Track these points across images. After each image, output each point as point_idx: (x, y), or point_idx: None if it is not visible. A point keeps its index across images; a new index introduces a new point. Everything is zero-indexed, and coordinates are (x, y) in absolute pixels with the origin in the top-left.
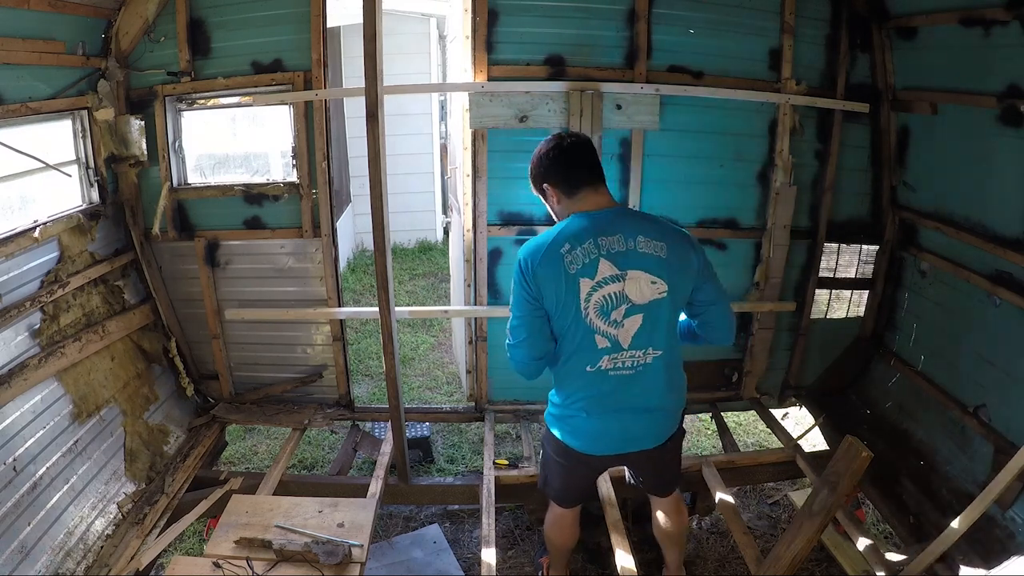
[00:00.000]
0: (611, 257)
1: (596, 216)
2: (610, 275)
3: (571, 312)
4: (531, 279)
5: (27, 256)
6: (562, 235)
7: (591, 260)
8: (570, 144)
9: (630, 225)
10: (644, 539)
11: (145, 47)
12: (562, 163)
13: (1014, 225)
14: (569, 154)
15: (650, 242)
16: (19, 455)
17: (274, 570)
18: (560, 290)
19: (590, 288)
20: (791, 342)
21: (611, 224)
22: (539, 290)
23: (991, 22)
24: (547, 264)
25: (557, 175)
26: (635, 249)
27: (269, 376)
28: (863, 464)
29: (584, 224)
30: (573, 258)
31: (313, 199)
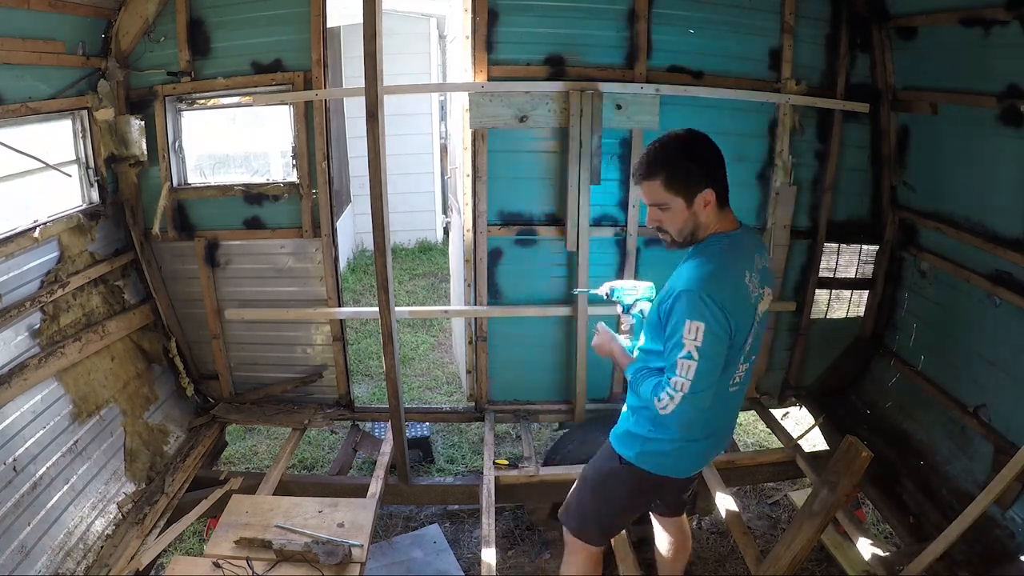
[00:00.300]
0: (762, 277)
1: (745, 234)
2: (761, 294)
3: (743, 341)
4: (727, 317)
5: (27, 256)
6: (738, 261)
7: (756, 283)
8: (715, 145)
9: (753, 246)
10: (644, 539)
11: (145, 47)
12: (724, 166)
13: (1014, 225)
14: (721, 157)
15: (763, 257)
16: (19, 455)
17: (274, 570)
18: (747, 322)
19: (760, 313)
20: (791, 342)
21: (749, 245)
22: (735, 328)
23: (991, 22)
24: (739, 297)
25: (722, 180)
26: (764, 267)
27: (269, 376)
28: (863, 464)
29: (742, 244)
30: (752, 285)
31: (313, 199)
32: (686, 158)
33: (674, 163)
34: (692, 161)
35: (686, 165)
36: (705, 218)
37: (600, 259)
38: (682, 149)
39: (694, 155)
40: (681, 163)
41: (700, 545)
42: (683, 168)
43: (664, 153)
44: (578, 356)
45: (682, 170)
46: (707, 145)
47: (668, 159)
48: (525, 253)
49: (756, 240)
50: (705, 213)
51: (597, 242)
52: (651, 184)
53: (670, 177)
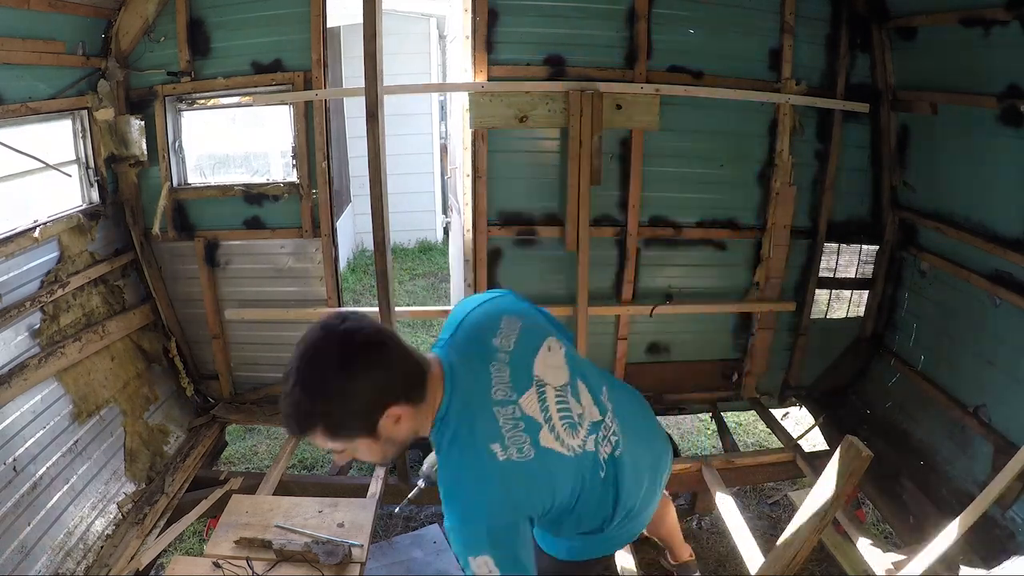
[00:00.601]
0: (519, 386)
1: (456, 395)
2: (541, 401)
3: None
4: (519, 528)
5: (27, 256)
6: (482, 447)
7: (524, 418)
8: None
9: (478, 347)
10: (644, 539)
11: (145, 47)
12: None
13: (1014, 225)
14: (383, 346)
15: (499, 331)
16: (19, 455)
17: (274, 570)
18: (559, 477)
19: (554, 433)
20: (791, 342)
21: (476, 378)
22: (535, 515)
23: (991, 22)
24: (515, 488)
25: (396, 383)
26: (508, 352)
27: (269, 376)
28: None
29: (466, 412)
30: (516, 444)
31: (313, 199)
32: (343, 390)
33: (327, 406)
34: (353, 390)
35: (346, 401)
36: (408, 430)
37: (600, 259)
38: (334, 377)
39: (355, 378)
40: (339, 401)
41: (700, 545)
42: (343, 407)
43: (309, 394)
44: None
45: (342, 411)
46: (369, 347)
47: (315, 403)
48: (525, 253)
49: (476, 346)
50: (407, 426)
51: (597, 242)
52: (312, 437)
53: (329, 426)
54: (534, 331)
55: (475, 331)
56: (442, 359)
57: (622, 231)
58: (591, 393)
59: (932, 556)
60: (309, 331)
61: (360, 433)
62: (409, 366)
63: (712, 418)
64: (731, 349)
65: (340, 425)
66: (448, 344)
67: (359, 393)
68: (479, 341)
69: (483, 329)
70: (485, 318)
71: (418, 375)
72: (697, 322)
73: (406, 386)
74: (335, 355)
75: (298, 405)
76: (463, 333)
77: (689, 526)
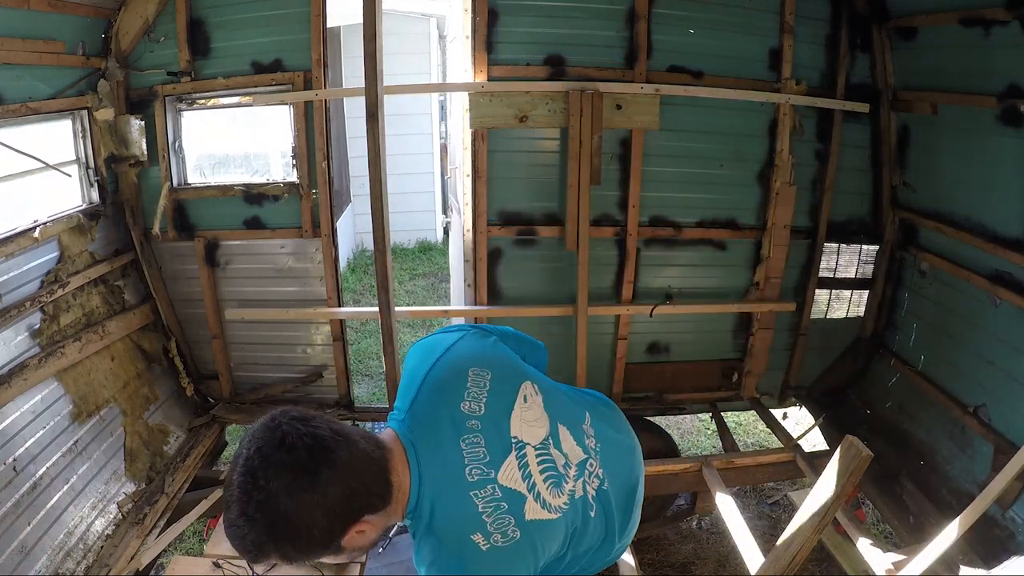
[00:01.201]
0: (495, 456)
1: (426, 487)
2: (522, 469)
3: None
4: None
5: (27, 256)
6: (461, 547)
7: (506, 493)
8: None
9: (443, 420)
10: (644, 540)
11: (145, 47)
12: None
13: (1014, 225)
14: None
15: (467, 391)
16: (19, 455)
17: (274, 570)
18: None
19: (541, 501)
20: (791, 342)
21: (444, 455)
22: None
23: (991, 22)
24: (524, 559)
25: (359, 495)
26: (478, 415)
27: (269, 376)
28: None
29: (443, 505)
30: (499, 526)
31: (313, 199)
32: (296, 521)
33: (280, 540)
34: (310, 519)
35: (301, 532)
36: (377, 532)
37: (600, 259)
38: (285, 505)
39: (308, 504)
40: (293, 534)
41: (700, 545)
42: (299, 538)
43: (256, 528)
44: (578, 356)
45: (299, 542)
46: (319, 458)
47: (265, 537)
48: (525, 253)
49: (438, 418)
50: (375, 532)
51: (597, 242)
52: (269, 563)
53: (285, 557)
54: (506, 382)
55: (439, 396)
56: (402, 439)
57: (622, 231)
58: (573, 436)
59: (932, 556)
60: (249, 439)
61: (323, 554)
62: (370, 469)
63: (712, 418)
64: (731, 349)
65: (299, 554)
66: (408, 416)
67: (316, 521)
68: (445, 410)
69: (448, 392)
70: (450, 375)
71: (381, 477)
72: (697, 322)
73: (370, 495)
74: (284, 478)
75: (245, 538)
76: (425, 401)
77: (689, 526)
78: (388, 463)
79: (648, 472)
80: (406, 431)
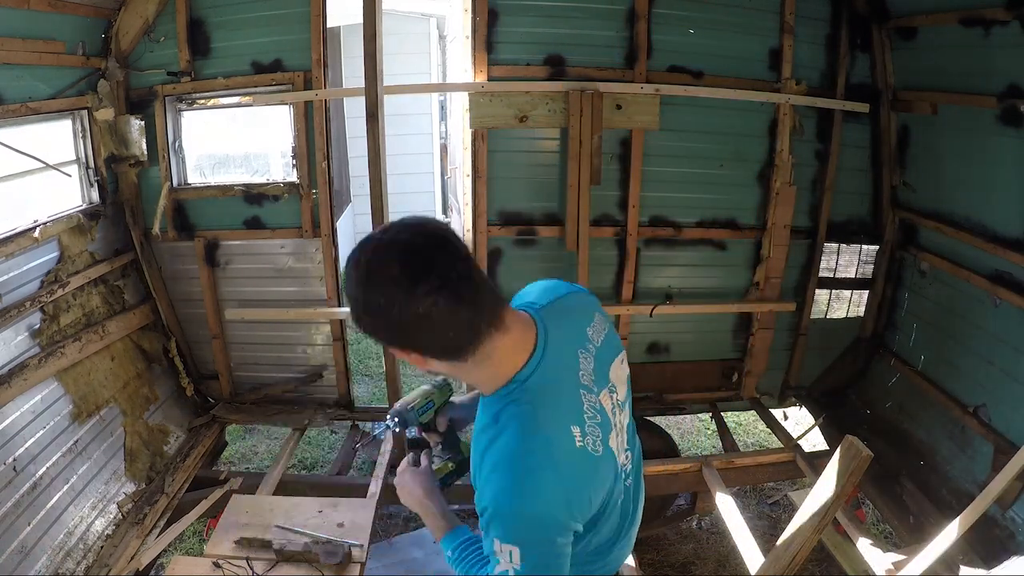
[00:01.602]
0: (599, 384)
1: (546, 361)
2: (613, 405)
3: (614, 487)
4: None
5: (27, 256)
6: (554, 427)
7: (602, 414)
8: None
9: (572, 333)
10: (644, 540)
11: (145, 47)
12: (433, 306)
13: (1014, 225)
14: (437, 284)
15: (592, 327)
16: (19, 455)
17: (274, 570)
18: (603, 486)
19: (616, 440)
20: (791, 342)
21: (567, 354)
22: (580, 519)
23: (991, 22)
24: (576, 479)
25: (429, 334)
26: (597, 348)
27: (269, 376)
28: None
29: (550, 386)
30: (592, 436)
31: (313, 199)
32: (364, 304)
33: (368, 319)
34: (362, 307)
35: (370, 312)
36: (447, 369)
37: (600, 259)
38: (360, 285)
39: (390, 295)
40: (367, 310)
41: (700, 545)
42: (370, 318)
43: (352, 297)
44: None
45: (369, 322)
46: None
47: (359, 311)
48: (525, 253)
49: (569, 326)
50: (435, 366)
51: (597, 242)
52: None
53: (372, 336)
54: (614, 339)
55: (571, 313)
56: (535, 318)
57: (622, 231)
58: (629, 413)
59: (932, 556)
60: (398, 225)
61: (404, 350)
62: (462, 331)
63: (712, 418)
64: (731, 349)
65: (383, 340)
66: (541, 311)
67: (374, 316)
68: (575, 324)
69: (579, 315)
70: (581, 306)
71: (471, 341)
72: (697, 322)
73: (456, 343)
74: (394, 272)
75: (352, 301)
76: (559, 308)
77: (689, 526)
78: (489, 330)
79: (648, 472)
80: (538, 317)
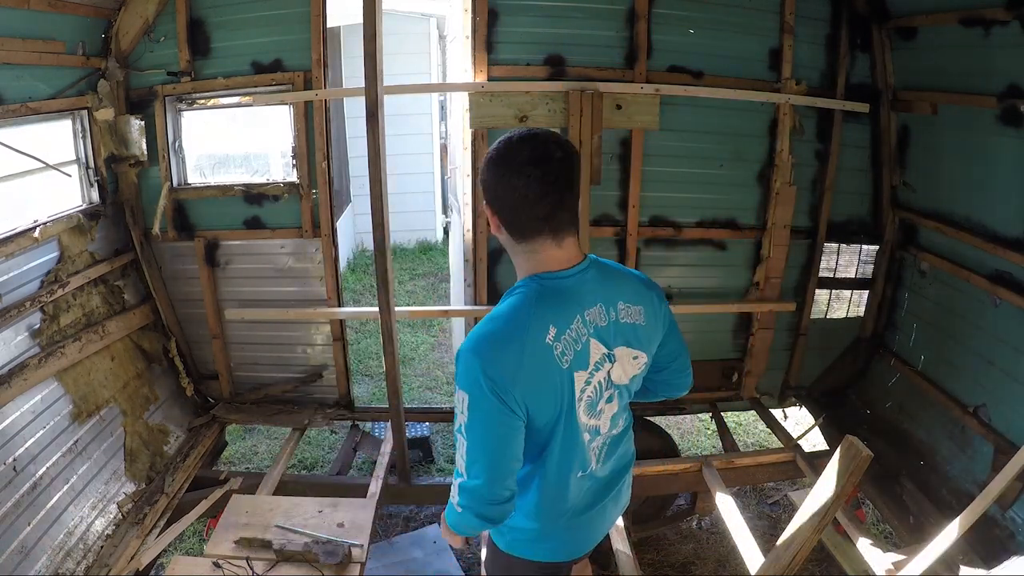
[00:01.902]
0: (599, 335)
1: (571, 279)
2: (599, 359)
3: (562, 418)
4: (509, 393)
5: (27, 256)
6: (538, 315)
7: (583, 345)
8: (541, 156)
9: (607, 289)
10: (644, 540)
11: (145, 47)
12: (521, 188)
13: (1014, 225)
14: (536, 176)
15: (629, 308)
16: (19, 455)
17: (274, 570)
18: (553, 395)
19: (584, 381)
20: (791, 342)
21: (591, 291)
22: (523, 404)
23: (991, 22)
24: (533, 366)
25: (508, 205)
26: (617, 320)
27: (269, 376)
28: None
29: (560, 293)
30: (564, 347)
31: (313, 199)
32: (487, 161)
33: (486, 164)
34: (486, 167)
35: (485, 166)
36: (507, 242)
37: None
38: (497, 144)
39: (489, 161)
40: (487, 164)
41: (700, 545)
42: (485, 170)
43: (486, 154)
44: None
45: (484, 172)
46: (511, 155)
47: (486, 159)
48: None
49: (608, 282)
50: (502, 236)
51: (597, 242)
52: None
53: (483, 183)
54: (642, 336)
55: (619, 281)
56: (587, 258)
57: (622, 231)
58: (619, 406)
59: (932, 556)
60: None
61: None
62: (541, 213)
63: (712, 418)
64: (731, 349)
65: (484, 192)
66: (599, 260)
67: (485, 171)
68: (614, 288)
69: (624, 287)
70: (632, 286)
71: (536, 229)
72: (697, 322)
73: (515, 218)
74: (521, 145)
75: (485, 157)
76: (613, 272)
77: (689, 526)
78: (547, 236)
79: (648, 472)
80: (593, 259)
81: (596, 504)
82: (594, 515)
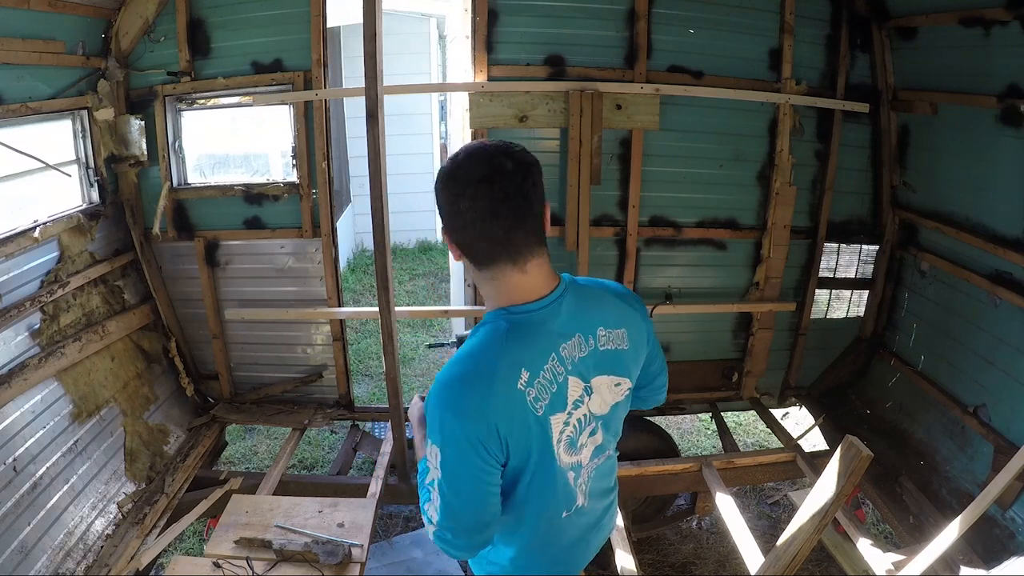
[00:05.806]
0: (577, 369)
1: (543, 311)
2: (578, 396)
3: (532, 463)
4: (485, 438)
5: (27, 256)
6: (507, 357)
7: (559, 385)
8: (488, 171)
9: (585, 316)
10: (644, 540)
11: (145, 47)
12: (469, 209)
13: (1014, 225)
14: (484, 193)
15: (610, 333)
16: (19, 455)
17: (274, 570)
18: (528, 442)
19: (563, 423)
20: (791, 342)
21: (567, 321)
22: (504, 442)
23: (991, 22)
24: (506, 414)
25: (458, 228)
26: (596, 348)
27: (269, 376)
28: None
29: (530, 328)
30: (539, 391)
31: (313, 199)
32: (436, 182)
33: (437, 185)
34: (436, 188)
35: (435, 188)
36: (470, 270)
37: (600, 259)
38: (447, 162)
39: (437, 181)
40: (438, 184)
41: (700, 545)
42: (438, 194)
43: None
44: None
45: (438, 196)
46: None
47: (437, 178)
48: None
49: (587, 308)
50: (465, 263)
51: (597, 242)
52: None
53: (439, 207)
54: (624, 361)
55: (600, 304)
56: (563, 282)
57: (622, 231)
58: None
59: (932, 556)
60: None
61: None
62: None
63: (712, 418)
64: (731, 349)
65: (441, 216)
66: (575, 282)
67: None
68: (594, 313)
69: (605, 311)
70: (615, 309)
71: (491, 256)
72: (697, 322)
73: (469, 244)
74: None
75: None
76: (592, 292)
77: (689, 526)
78: (506, 262)
79: (648, 472)
80: (569, 283)
81: (582, 539)
82: (579, 548)
